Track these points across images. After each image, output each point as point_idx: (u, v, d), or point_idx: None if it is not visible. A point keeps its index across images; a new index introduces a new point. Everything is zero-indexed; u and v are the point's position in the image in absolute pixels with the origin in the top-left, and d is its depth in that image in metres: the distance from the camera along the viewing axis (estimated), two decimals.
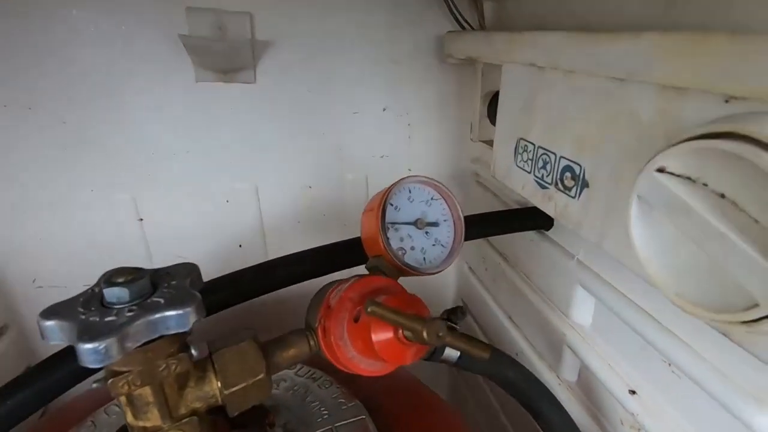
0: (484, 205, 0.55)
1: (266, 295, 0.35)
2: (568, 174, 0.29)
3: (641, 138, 0.23)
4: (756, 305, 0.16)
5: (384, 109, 0.55)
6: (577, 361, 0.42)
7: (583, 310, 0.40)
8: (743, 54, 0.17)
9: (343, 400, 0.31)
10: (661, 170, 0.20)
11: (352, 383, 0.33)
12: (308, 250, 0.34)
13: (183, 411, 0.21)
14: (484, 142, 0.52)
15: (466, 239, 0.43)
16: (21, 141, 0.46)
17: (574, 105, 0.28)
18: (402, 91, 0.55)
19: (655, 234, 0.21)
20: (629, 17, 0.30)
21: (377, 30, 0.51)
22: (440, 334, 0.19)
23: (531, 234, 0.46)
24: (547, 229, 0.44)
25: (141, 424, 0.21)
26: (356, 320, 0.23)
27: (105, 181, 0.50)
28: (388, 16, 0.51)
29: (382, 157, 0.58)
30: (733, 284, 0.17)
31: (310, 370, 0.34)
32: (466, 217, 0.42)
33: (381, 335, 0.22)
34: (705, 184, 0.19)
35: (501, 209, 0.45)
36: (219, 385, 0.22)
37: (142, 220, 0.54)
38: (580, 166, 0.28)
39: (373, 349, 0.22)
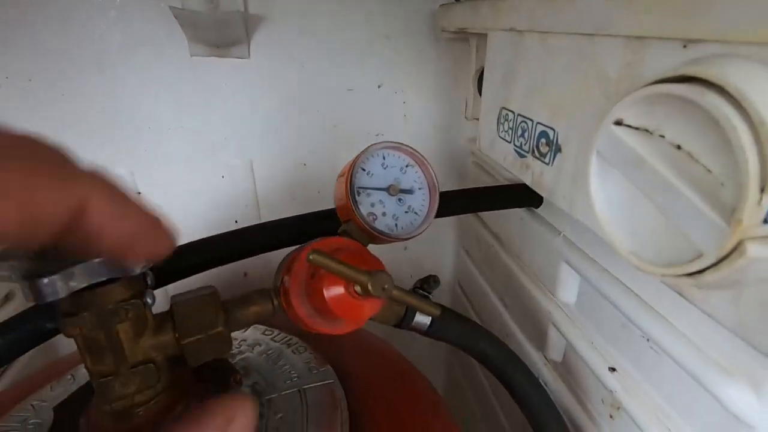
0: (481, 185, 0.54)
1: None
2: (543, 140, 0.28)
3: (608, 95, 0.22)
4: (700, 255, 0.16)
5: (379, 87, 0.55)
6: (562, 341, 0.42)
7: (568, 288, 0.40)
8: None
9: (314, 365, 0.32)
10: (618, 123, 0.19)
11: (327, 351, 0.34)
12: (284, 218, 0.34)
13: (140, 358, 0.22)
14: (478, 120, 0.51)
15: (452, 214, 0.42)
16: (22, 112, 0.48)
17: (548, 68, 0.27)
18: (397, 68, 0.54)
19: (612, 192, 0.20)
20: None
21: (371, 4, 0.51)
22: (385, 286, 0.19)
23: (521, 212, 0.46)
24: (537, 207, 0.43)
25: (98, 368, 0.21)
26: (312, 276, 0.23)
27: (104, 154, 0.52)
28: None
29: (377, 135, 0.57)
30: (682, 238, 0.17)
31: (286, 337, 0.35)
32: (452, 192, 0.42)
33: (333, 290, 0.22)
34: (662, 136, 0.18)
35: None
36: (176, 335, 0.23)
37: (140, 193, 0.55)
38: (554, 131, 0.27)
39: (327, 305, 0.22)
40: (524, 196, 0.43)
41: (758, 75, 0.14)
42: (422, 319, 0.30)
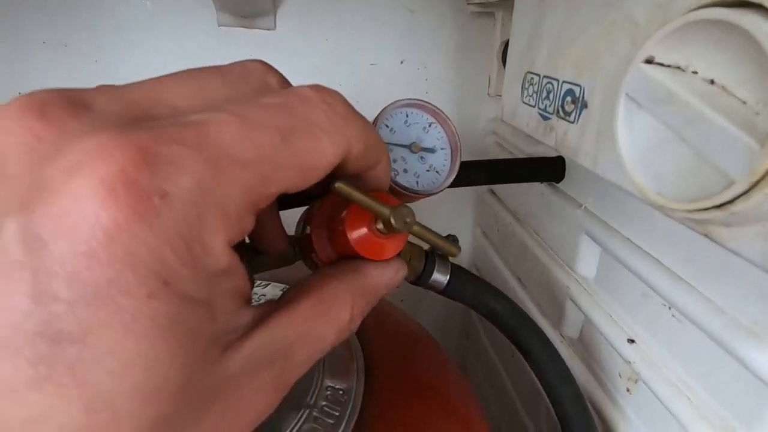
0: None
1: None
2: (569, 98, 0.28)
3: (636, 41, 0.21)
4: (732, 183, 0.15)
5: (402, 62, 0.55)
6: (579, 316, 0.41)
7: (588, 261, 0.39)
8: None
9: None
10: (649, 61, 0.19)
11: None
12: None
13: None
14: (500, 96, 0.51)
15: (474, 184, 0.42)
16: (58, 76, 0.49)
17: (575, 23, 0.27)
18: (420, 43, 0.54)
19: (640, 135, 0.20)
20: None
21: None
22: (407, 220, 0.19)
23: (542, 187, 0.45)
24: (558, 182, 0.43)
25: None
26: (334, 219, 0.23)
27: None
28: None
29: None
30: (711, 172, 0.16)
31: None
32: (475, 162, 0.41)
33: (355, 229, 0.22)
34: (695, 72, 0.18)
35: None
36: None
37: None
38: (580, 87, 0.27)
39: (350, 245, 0.22)
40: (547, 170, 0.42)
41: None
42: (439, 278, 0.30)
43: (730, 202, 0.16)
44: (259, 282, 0.37)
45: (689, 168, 0.18)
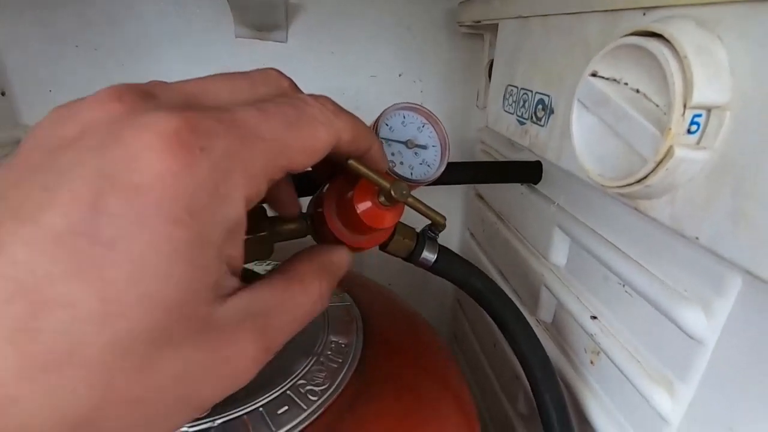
0: None
1: None
2: (540, 106, 0.33)
3: (588, 59, 0.27)
4: (645, 163, 0.21)
5: (399, 75, 0.61)
6: (552, 301, 0.46)
7: (559, 251, 0.44)
8: None
9: (335, 291, 0.37)
10: (594, 74, 0.24)
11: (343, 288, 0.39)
12: None
13: None
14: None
15: (459, 182, 0.48)
16: (88, 77, 0.54)
17: (546, 45, 0.32)
18: (416, 59, 0.60)
19: (587, 131, 0.25)
20: None
21: (397, 3, 0.57)
22: (404, 192, 0.24)
23: (522, 188, 0.51)
24: (536, 183, 0.48)
25: None
26: (343, 196, 0.28)
27: None
28: None
29: None
30: (633, 157, 0.22)
31: None
32: (465, 163, 0.47)
33: (362, 203, 0.27)
34: (626, 83, 0.23)
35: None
36: None
37: None
38: (549, 97, 0.32)
39: (357, 216, 0.27)
40: (526, 172, 0.48)
41: (687, 25, 0.19)
42: (428, 255, 0.35)
43: (645, 177, 0.21)
44: (269, 262, 0.41)
45: (620, 154, 0.23)
